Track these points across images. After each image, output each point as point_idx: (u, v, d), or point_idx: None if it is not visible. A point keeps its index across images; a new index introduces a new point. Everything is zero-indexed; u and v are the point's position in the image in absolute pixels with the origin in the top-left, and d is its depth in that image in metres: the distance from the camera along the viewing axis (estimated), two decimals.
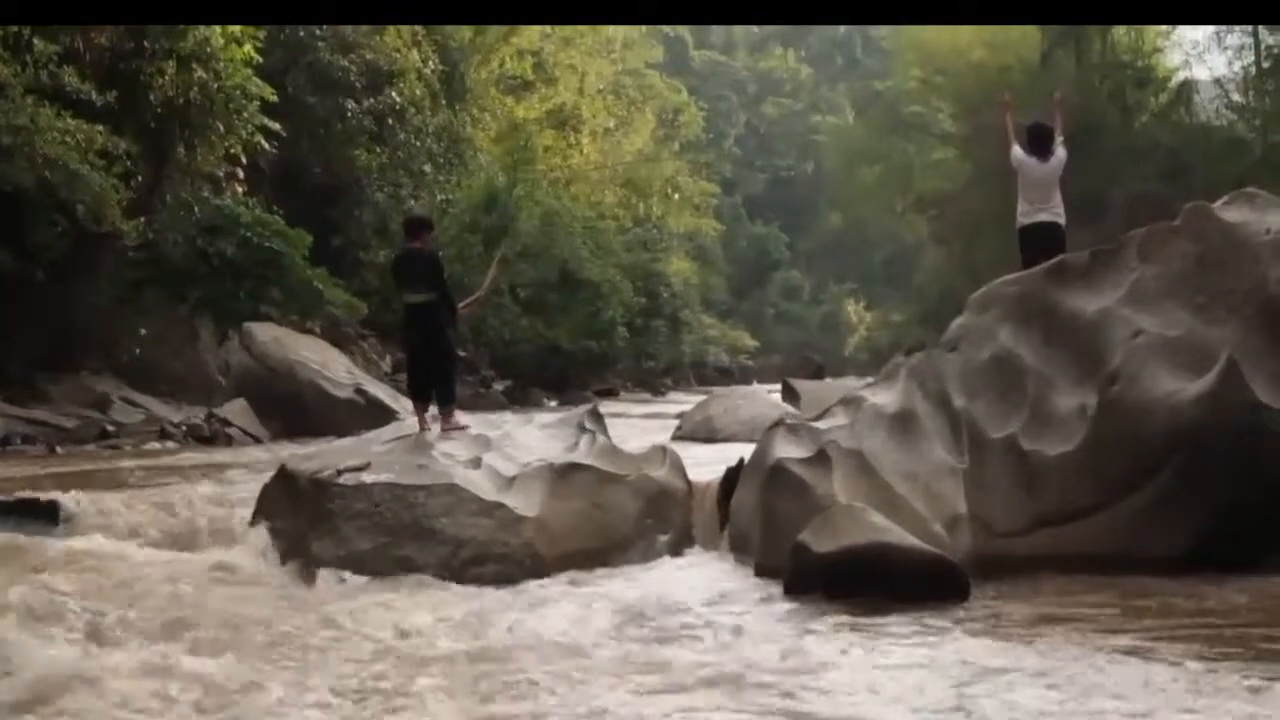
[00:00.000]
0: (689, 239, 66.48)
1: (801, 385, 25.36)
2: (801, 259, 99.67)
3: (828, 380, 64.44)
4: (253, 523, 10.04)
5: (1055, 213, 12.43)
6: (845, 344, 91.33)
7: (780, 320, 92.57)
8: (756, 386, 60.32)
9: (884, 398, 9.56)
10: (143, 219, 22.67)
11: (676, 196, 55.22)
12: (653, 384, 44.87)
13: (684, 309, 48.44)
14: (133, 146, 21.70)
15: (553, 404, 34.11)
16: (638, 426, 21.95)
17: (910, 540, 8.01)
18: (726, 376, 66.07)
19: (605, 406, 33.01)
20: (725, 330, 69.97)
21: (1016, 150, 12.67)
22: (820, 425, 9.46)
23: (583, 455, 10.21)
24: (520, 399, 33.11)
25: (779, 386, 29.49)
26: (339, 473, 9.63)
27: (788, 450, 9.20)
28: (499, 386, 33.32)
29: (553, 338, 34.50)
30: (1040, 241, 11.97)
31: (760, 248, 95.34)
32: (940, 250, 62.55)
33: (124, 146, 21.00)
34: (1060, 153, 12.62)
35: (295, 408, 20.28)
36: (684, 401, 35.85)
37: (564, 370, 37.71)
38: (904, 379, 9.69)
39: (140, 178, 23.17)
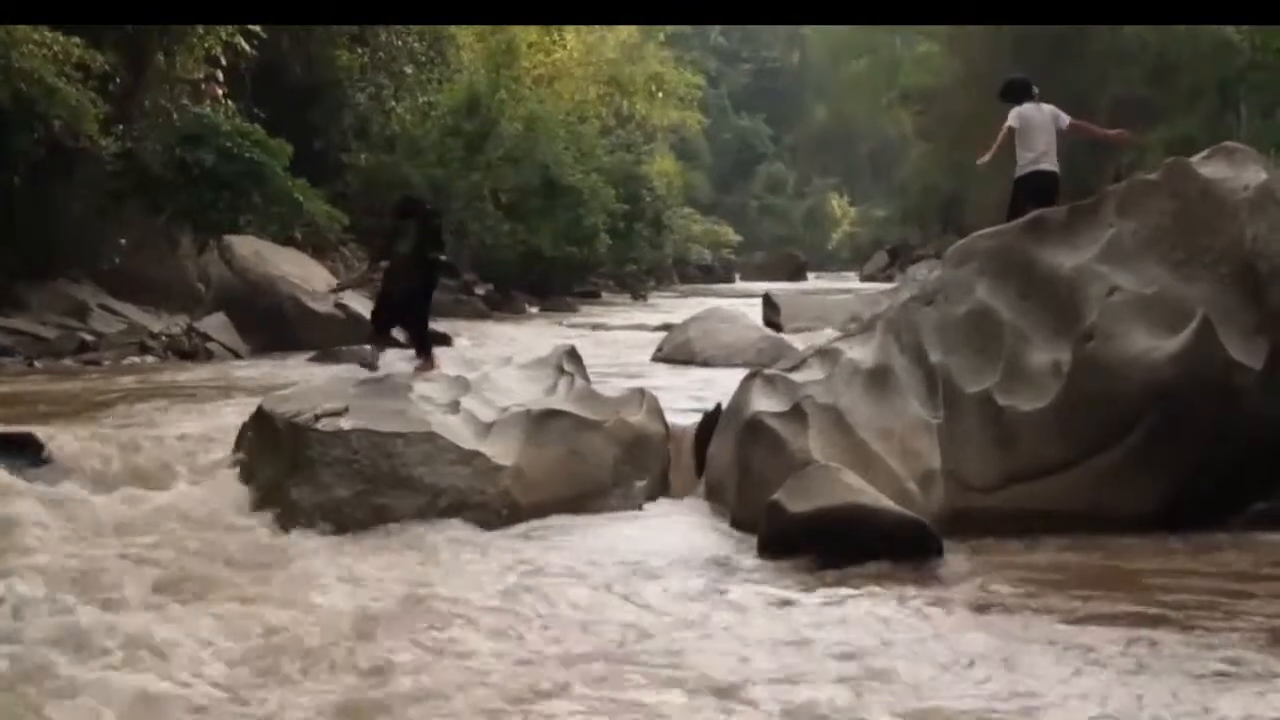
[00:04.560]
0: (672, 131, 66.03)
1: (782, 296, 25.47)
2: (786, 152, 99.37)
3: (810, 279, 64.73)
4: (230, 465, 10.07)
5: (1054, 164, 12.40)
6: (829, 239, 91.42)
7: (764, 214, 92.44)
8: (739, 284, 60.54)
9: (860, 352, 9.57)
10: (120, 127, 22.45)
11: (660, 95, 54.69)
12: (634, 287, 44.81)
13: (666, 211, 48.16)
14: (111, 57, 21.41)
15: (534, 310, 34.15)
16: (618, 343, 21.91)
17: (884, 502, 8.09)
18: (709, 274, 66.15)
19: (586, 313, 33.31)
20: (708, 226, 69.72)
21: (1010, 118, 12.51)
22: (796, 378, 9.48)
23: (560, 400, 10.22)
24: (501, 304, 33.13)
25: (761, 286, 29.59)
26: (316, 418, 9.63)
27: (764, 403, 9.24)
28: (480, 291, 33.30)
29: (534, 243, 34.37)
30: (1038, 191, 11.95)
31: (744, 141, 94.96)
32: (925, 147, 62.50)
33: (102, 60, 20.73)
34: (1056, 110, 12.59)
35: (276, 322, 20.29)
36: (665, 306, 36.01)
37: (546, 274, 37.68)
38: (880, 332, 9.69)
39: (119, 80, 22.88)
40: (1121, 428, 8.63)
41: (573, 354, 11.21)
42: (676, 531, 9.08)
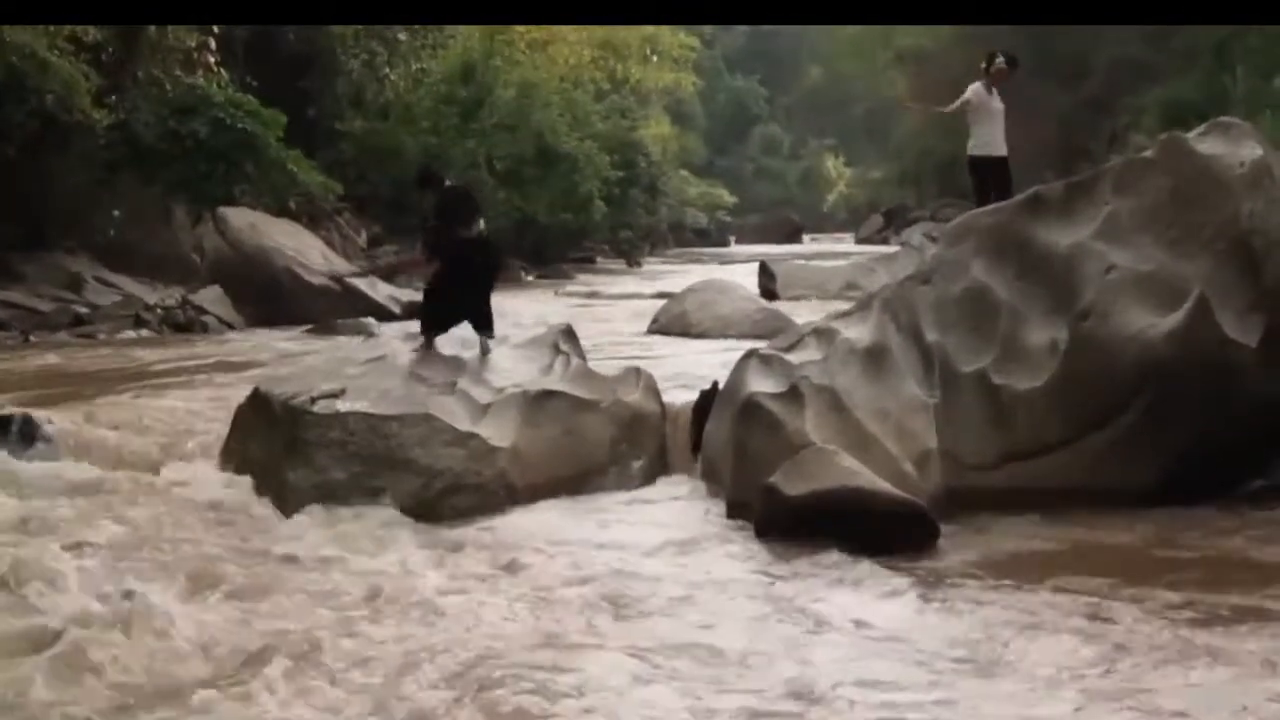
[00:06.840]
0: (667, 93, 65.69)
1: (778, 264, 25.46)
2: (781, 114, 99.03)
3: (806, 241, 64.56)
4: (226, 446, 10.07)
5: None
6: (824, 200, 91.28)
7: (759, 176, 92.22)
8: (735, 247, 60.42)
9: (857, 331, 9.53)
10: (113, 98, 22.37)
11: (655, 57, 54.28)
12: (629, 253, 44.66)
13: (661, 177, 47.95)
14: (103, 30, 21.32)
15: (530, 277, 34.12)
16: (613, 313, 21.88)
17: (880, 484, 8.09)
18: (704, 237, 66.05)
19: (582, 280, 33.28)
20: (703, 189, 69.47)
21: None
22: (793, 358, 9.43)
23: (556, 380, 10.20)
24: None
25: (757, 249, 29.43)
26: (313, 400, 9.61)
27: (760, 384, 9.19)
28: None
29: (530, 211, 34.26)
30: None
31: (739, 102, 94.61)
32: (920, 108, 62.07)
33: (94, 31, 20.64)
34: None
35: (271, 295, 20.31)
36: (661, 273, 36.04)
37: (541, 242, 37.66)
38: (877, 312, 9.65)
39: (111, 50, 22.78)
40: (1118, 405, 8.66)
41: (568, 333, 11.17)
42: (672, 513, 9.08)
